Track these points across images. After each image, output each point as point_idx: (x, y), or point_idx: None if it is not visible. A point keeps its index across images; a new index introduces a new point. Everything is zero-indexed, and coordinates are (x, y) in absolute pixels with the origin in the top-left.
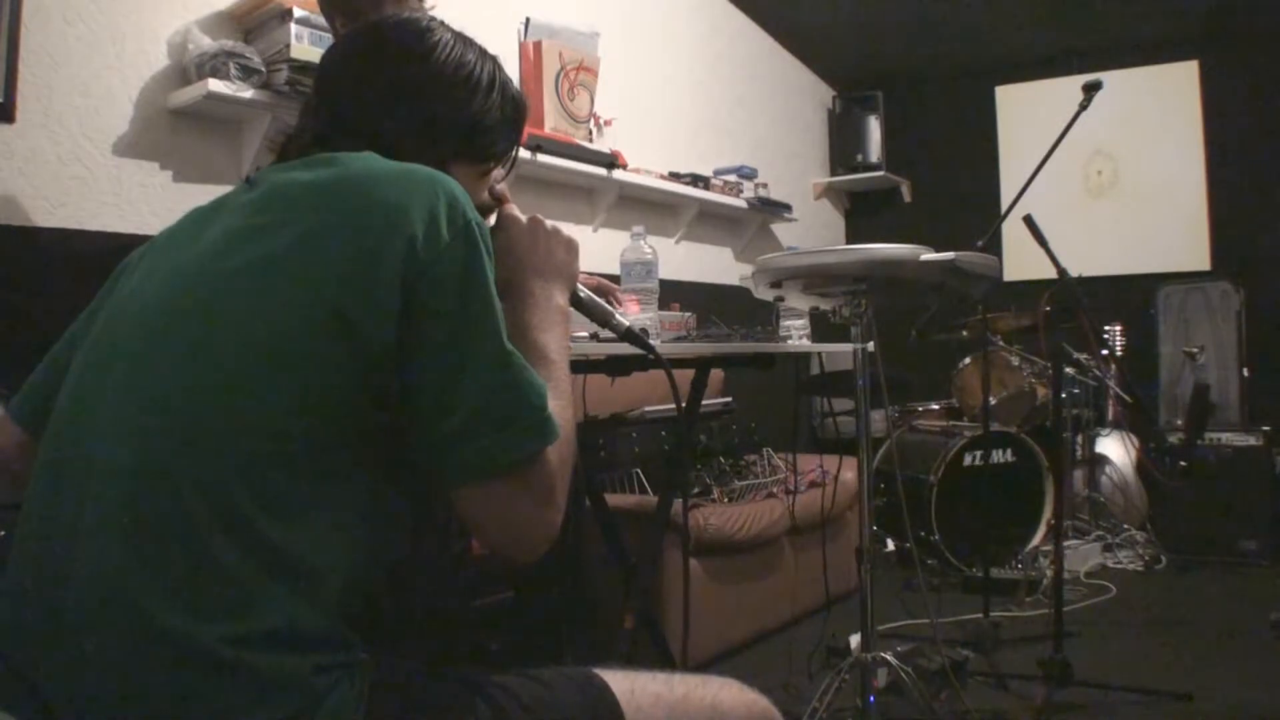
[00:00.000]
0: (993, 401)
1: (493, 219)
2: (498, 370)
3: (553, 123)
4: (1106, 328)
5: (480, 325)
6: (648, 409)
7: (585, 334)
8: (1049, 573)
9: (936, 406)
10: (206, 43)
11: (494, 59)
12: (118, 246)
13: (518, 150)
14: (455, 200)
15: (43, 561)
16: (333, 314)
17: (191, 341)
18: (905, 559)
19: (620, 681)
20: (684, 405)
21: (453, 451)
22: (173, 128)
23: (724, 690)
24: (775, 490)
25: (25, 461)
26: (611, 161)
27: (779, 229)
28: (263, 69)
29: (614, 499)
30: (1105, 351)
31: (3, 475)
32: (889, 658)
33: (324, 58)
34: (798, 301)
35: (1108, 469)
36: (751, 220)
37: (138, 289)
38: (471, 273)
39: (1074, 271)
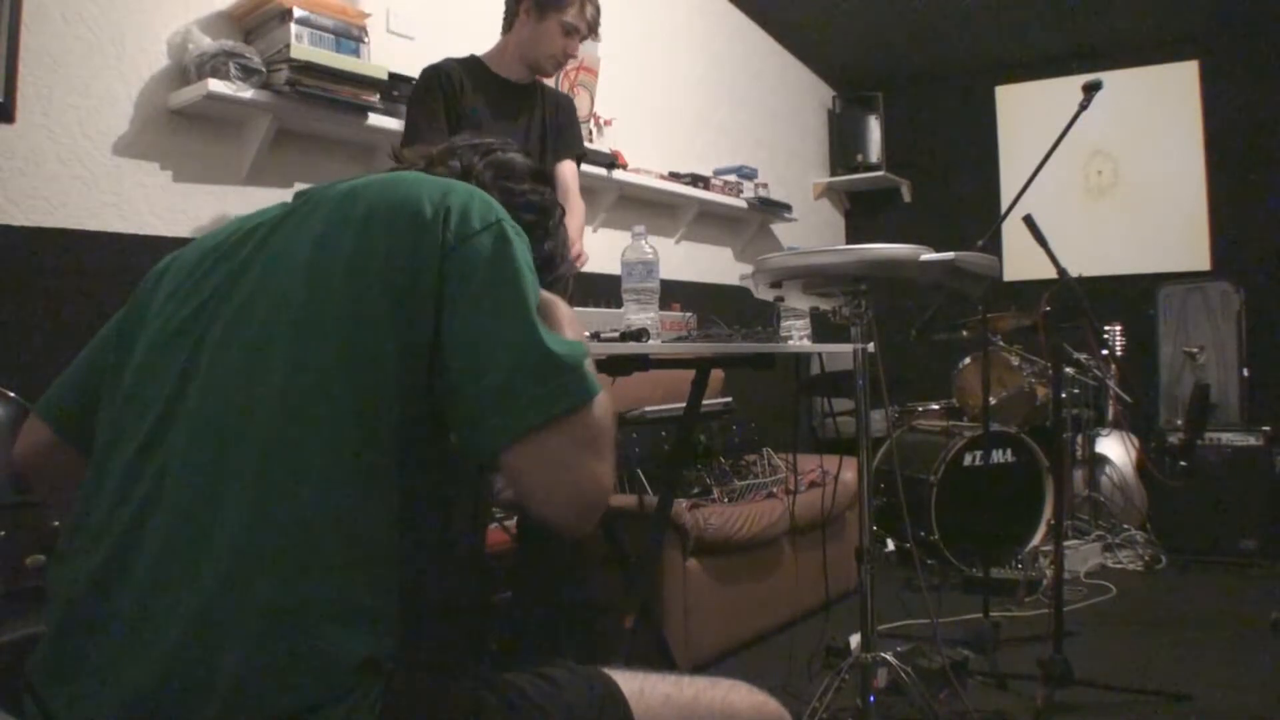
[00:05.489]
0: (993, 401)
1: None
2: (536, 327)
3: None
4: (1106, 328)
5: (515, 290)
6: (648, 409)
7: (585, 334)
8: (1049, 573)
9: (936, 406)
10: (206, 43)
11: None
12: (118, 246)
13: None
14: (490, 205)
15: (110, 574)
16: (389, 304)
17: (286, 349)
18: (905, 559)
19: (630, 682)
20: (643, 413)
21: (497, 409)
22: (173, 128)
23: (734, 692)
24: (775, 490)
25: (54, 461)
26: (611, 161)
27: (779, 229)
28: (263, 69)
29: (614, 499)
30: (1105, 351)
31: (37, 476)
32: (889, 658)
33: (505, 155)
34: (798, 301)
35: (1108, 469)
36: (751, 220)
37: (217, 296)
38: (504, 249)
39: (1074, 271)
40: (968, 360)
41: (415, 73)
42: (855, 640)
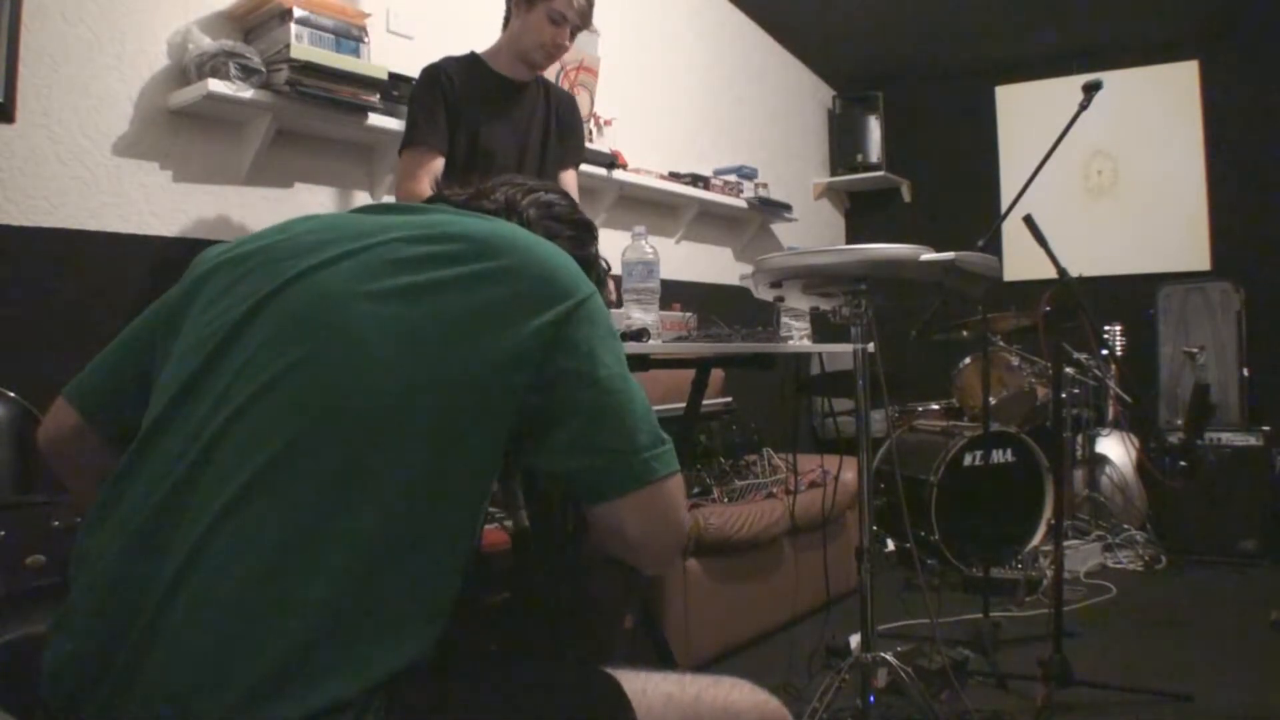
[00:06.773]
0: (993, 401)
1: None
2: (645, 403)
3: None
4: (1106, 328)
5: (624, 365)
6: None
7: None
8: (1049, 573)
9: (936, 406)
10: (206, 43)
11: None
12: (118, 246)
13: None
14: (582, 272)
15: (147, 583)
16: (505, 351)
17: (368, 365)
18: (905, 559)
19: (632, 681)
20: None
21: (624, 464)
22: (173, 128)
23: (735, 691)
24: (775, 490)
25: (77, 445)
26: (611, 161)
27: (779, 229)
28: (263, 69)
29: None
30: (1105, 351)
31: (58, 459)
32: (889, 658)
33: (548, 197)
34: (798, 301)
35: (1108, 469)
36: (751, 220)
37: (281, 293)
38: (610, 322)
39: (1074, 271)
40: (968, 360)
41: (415, 72)
42: (855, 640)
